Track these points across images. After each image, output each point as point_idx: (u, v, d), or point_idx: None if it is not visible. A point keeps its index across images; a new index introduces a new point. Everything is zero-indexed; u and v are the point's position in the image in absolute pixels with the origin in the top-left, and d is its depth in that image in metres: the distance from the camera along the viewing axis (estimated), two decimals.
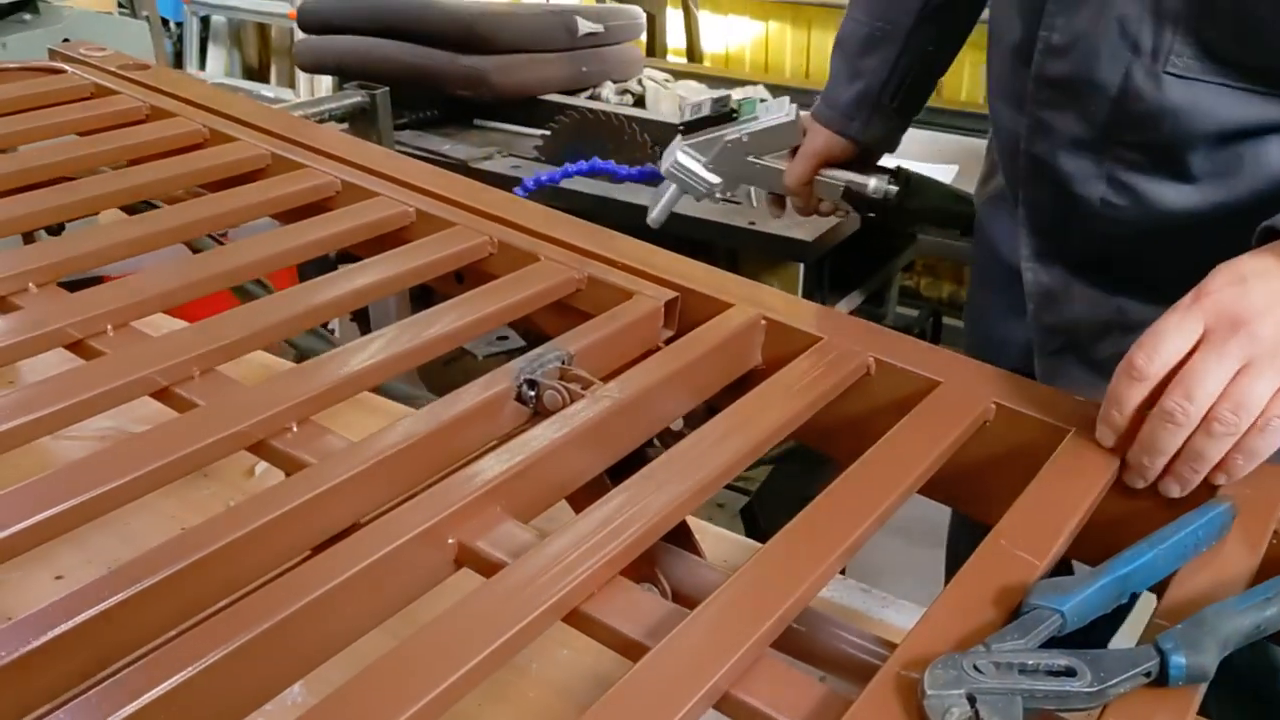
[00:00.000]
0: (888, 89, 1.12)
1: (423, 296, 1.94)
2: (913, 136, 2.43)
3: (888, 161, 1.19)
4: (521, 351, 0.75)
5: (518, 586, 0.54)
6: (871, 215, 1.23)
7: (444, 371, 2.27)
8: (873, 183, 1.13)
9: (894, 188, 1.13)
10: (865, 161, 1.16)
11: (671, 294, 0.84)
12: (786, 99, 1.15)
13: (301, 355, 1.55)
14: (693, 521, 0.78)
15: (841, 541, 0.60)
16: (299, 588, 0.54)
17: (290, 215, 0.98)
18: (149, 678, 0.48)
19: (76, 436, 1.00)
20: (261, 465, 1.03)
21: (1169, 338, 0.64)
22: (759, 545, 0.95)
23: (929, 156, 2.17)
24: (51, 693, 0.49)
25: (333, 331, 2.50)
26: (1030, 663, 0.49)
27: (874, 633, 0.61)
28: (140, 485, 0.62)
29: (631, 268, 0.87)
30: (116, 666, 0.51)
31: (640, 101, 2.37)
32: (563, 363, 0.73)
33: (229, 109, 1.13)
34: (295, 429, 0.67)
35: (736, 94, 1.20)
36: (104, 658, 0.52)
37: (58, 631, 0.50)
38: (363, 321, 2.19)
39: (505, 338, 2.21)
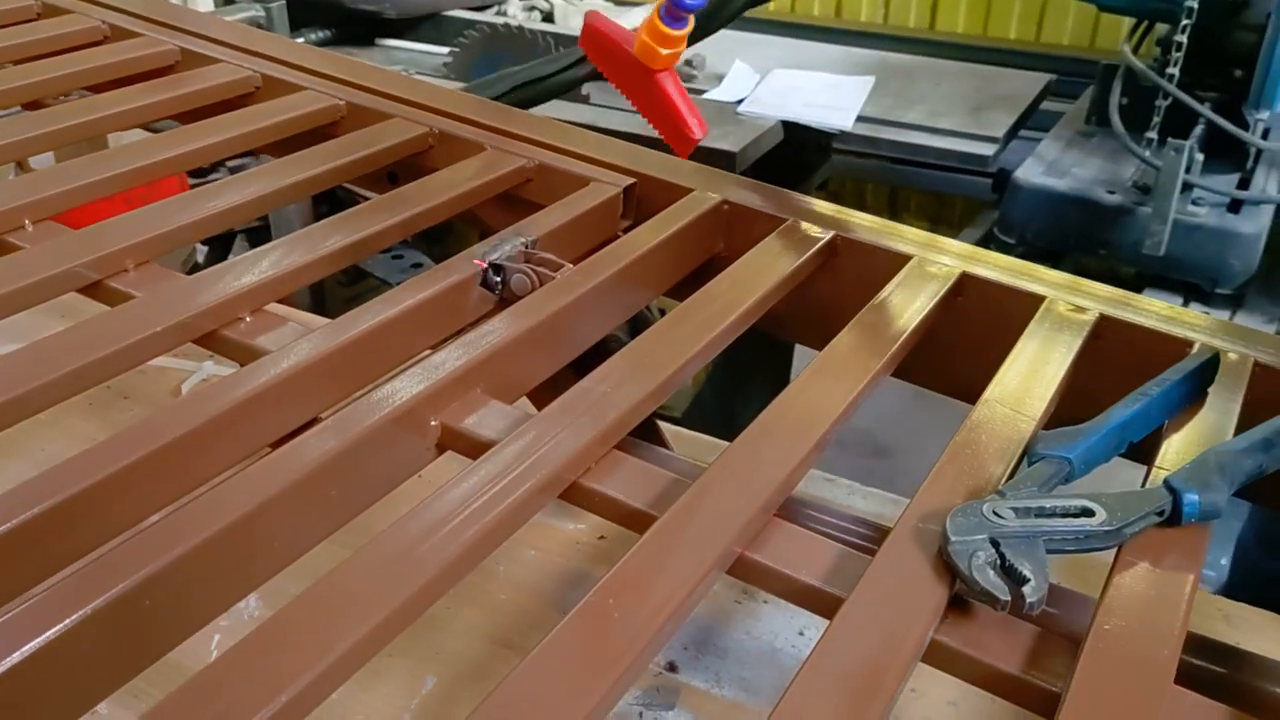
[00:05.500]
0: None
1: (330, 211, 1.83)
2: (824, 51, 2.43)
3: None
4: None
5: (511, 463, 0.51)
6: None
7: (347, 307, 2.19)
8: None
9: None
10: None
11: (629, 180, 0.80)
12: None
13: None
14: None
15: (830, 415, 0.59)
16: (257, 485, 0.50)
17: (207, 113, 0.91)
18: (85, 590, 0.43)
19: None
20: (189, 383, 0.97)
21: None
22: (718, 441, 0.94)
23: (844, 70, 2.17)
24: None
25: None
26: (1047, 506, 0.48)
27: None
28: (80, 380, 0.56)
29: (585, 155, 0.83)
30: (52, 580, 0.45)
31: (549, 18, 2.29)
32: (526, 246, 0.70)
33: (129, 5, 1.04)
34: (249, 318, 0.62)
35: None
36: (36, 568, 0.46)
37: None
38: (261, 235, 2.03)
39: (420, 265, 2.14)
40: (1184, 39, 1.58)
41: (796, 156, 2.05)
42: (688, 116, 0.71)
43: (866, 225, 0.79)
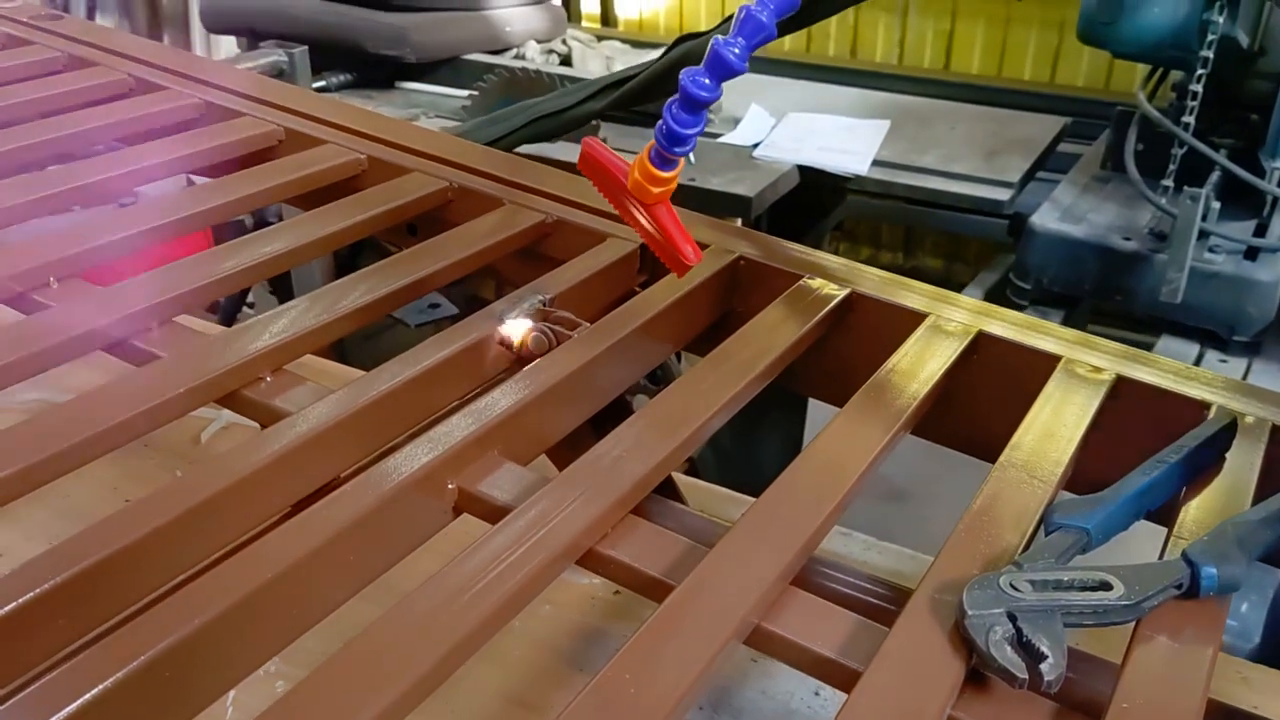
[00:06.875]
0: None
1: (348, 264, 1.87)
2: (840, 93, 2.44)
3: None
4: (456, 320, 0.72)
5: (528, 529, 0.52)
6: None
7: (364, 347, 2.21)
8: None
9: None
10: None
11: None
12: None
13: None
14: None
15: (848, 480, 0.59)
16: (277, 552, 0.50)
17: (230, 167, 0.93)
18: (110, 660, 0.43)
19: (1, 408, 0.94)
20: (208, 431, 0.98)
21: None
22: (733, 494, 0.94)
23: (859, 112, 2.18)
24: None
25: (252, 305, 2.41)
26: (1065, 579, 0.48)
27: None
28: (106, 441, 0.57)
29: (602, 211, 0.84)
30: (74, 646, 0.46)
31: (566, 61, 2.32)
32: (544, 304, 0.71)
33: (154, 58, 1.06)
34: (269, 379, 0.63)
35: None
36: (61, 635, 0.47)
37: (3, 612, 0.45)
38: (283, 288, 2.10)
39: (437, 305, 2.15)
40: (1199, 87, 1.58)
41: (812, 199, 2.06)
42: (683, 244, 0.73)
43: (880, 280, 0.79)
